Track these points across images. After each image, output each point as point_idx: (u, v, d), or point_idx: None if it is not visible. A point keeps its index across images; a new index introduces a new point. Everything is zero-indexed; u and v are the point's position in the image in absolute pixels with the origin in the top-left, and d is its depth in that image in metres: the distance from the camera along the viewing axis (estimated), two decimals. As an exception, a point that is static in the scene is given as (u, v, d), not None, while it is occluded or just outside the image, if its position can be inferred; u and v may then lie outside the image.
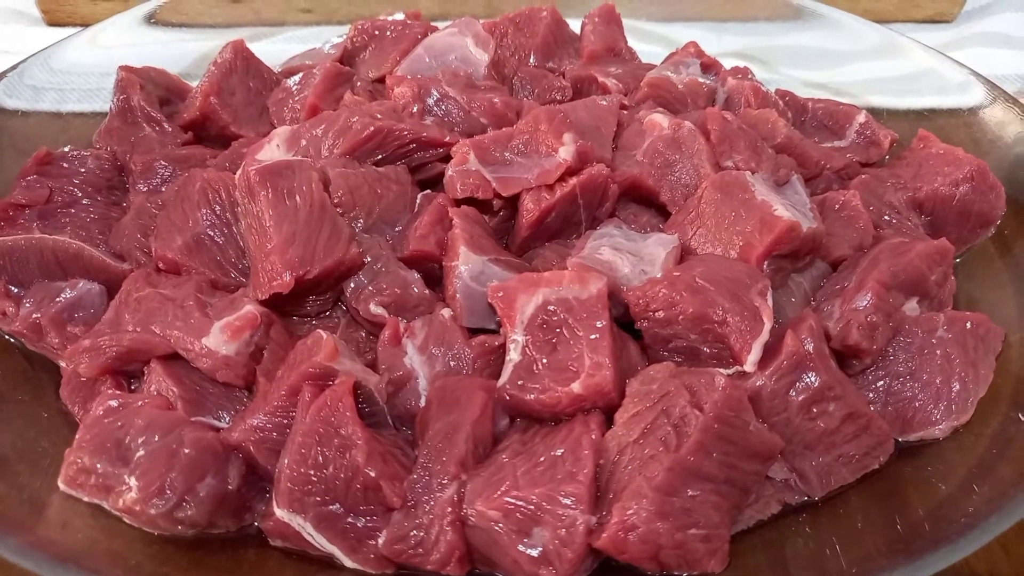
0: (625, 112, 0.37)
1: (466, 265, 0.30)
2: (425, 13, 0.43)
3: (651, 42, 0.46)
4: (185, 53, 0.44)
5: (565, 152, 0.33)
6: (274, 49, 0.44)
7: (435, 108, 0.36)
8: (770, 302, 0.29)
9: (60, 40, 0.46)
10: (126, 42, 0.46)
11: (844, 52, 0.46)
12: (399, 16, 0.41)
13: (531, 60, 0.41)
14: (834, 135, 0.39)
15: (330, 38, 0.44)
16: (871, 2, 0.48)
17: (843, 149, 0.38)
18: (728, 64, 0.42)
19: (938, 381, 0.30)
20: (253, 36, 0.45)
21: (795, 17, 0.47)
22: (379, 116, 0.34)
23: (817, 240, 0.31)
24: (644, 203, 0.35)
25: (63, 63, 0.44)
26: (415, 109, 0.35)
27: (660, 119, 0.35)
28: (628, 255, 0.32)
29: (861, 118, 0.38)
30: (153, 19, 0.47)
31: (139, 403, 0.29)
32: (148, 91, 0.41)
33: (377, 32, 0.40)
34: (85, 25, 0.49)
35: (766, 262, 0.30)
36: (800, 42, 0.48)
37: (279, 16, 0.44)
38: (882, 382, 0.31)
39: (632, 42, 0.44)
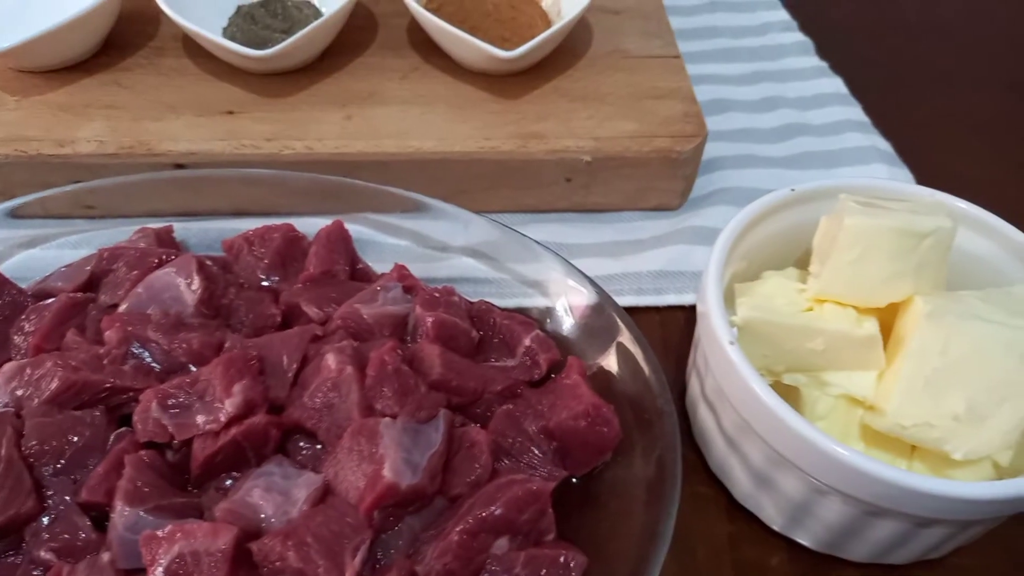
0: (313, 345, 0.43)
1: (122, 516, 0.36)
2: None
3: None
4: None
5: (231, 404, 0.39)
6: (47, 256, 0.49)
7: (139, 351, 0.42)
8: (361, 556, 0.35)
9: None
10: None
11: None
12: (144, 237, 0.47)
13: (261, 278, 0.47)
14: (508, 353, 0.45)
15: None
16: (606, 196, 0.54)
17: (510, 369, 0.44)
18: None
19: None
20: (29, 240, 0.50)
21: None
22: (79, 367, 0.40)
23: (419, 493, 0.37)
24: (320, 432, 0.42)
25: None
26: (122, 351, 0.41)
27: (330, 360, 0.41)
28: (277, 495, 0.38)
29: (527, 340, 0.44)
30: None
31: None
32: None
33: (118, 257, 0.46)
34: None
35: (375, 511, 0.36)
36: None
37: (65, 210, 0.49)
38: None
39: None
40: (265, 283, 0.47)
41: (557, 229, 0.54)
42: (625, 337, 0.43)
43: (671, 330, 0.49)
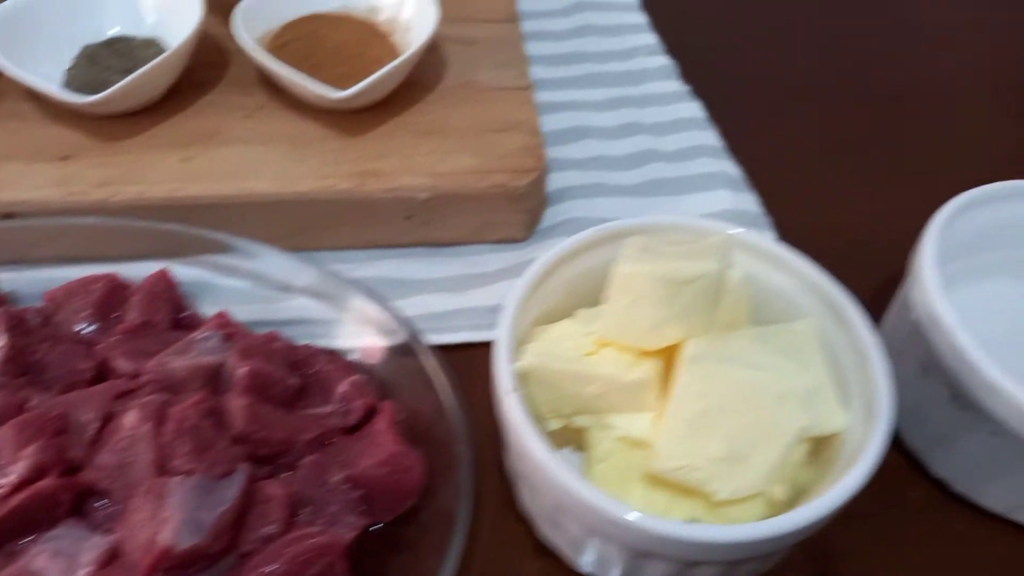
0: (120, 401, 0.43)
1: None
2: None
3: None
4: None
5: (21, 468, 0.38)
6: None
7: (-62, 413, 0.41)
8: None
9: None
10: None
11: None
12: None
13: (79, 331, 0.47)
14: (326, 400, 0.45)
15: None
16: (449, 231, 0.54)
17: (324, 416, 0.44)
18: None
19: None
20: None
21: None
22: None
23: (200, 554, 0.37)
24: (122, 488, 0.41)
25: None
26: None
27: (129, 417, 0.41)
28: (64, 559, 0.38)
29: (343, 386, 0.44)
30: None
31: None
32: None
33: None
34: None
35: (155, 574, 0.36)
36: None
37: None
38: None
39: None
40: (85, 335, 0.46)
41: (400, 265, 0.54)
42: (437, 378, 0.43)
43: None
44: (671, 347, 0.37)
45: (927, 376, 0.40)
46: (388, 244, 0.55)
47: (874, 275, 0.51)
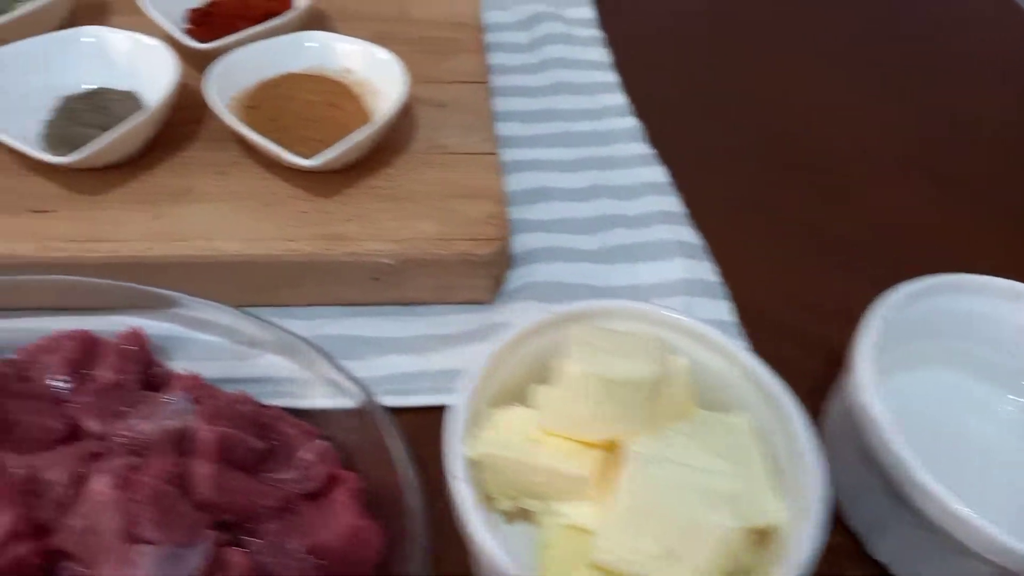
0: (93, 463, 0.44)
1: None
2: None
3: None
4: None
5: (-12, 533, 0.40)
6: None
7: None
8: None
9: None
10: None
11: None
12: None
13: (51, 389, 0.48)
14: (288, 464, 0.47)
15: None
16: (414, 292, 0.56)
17: (287, 482, 0.46)
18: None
19: None
20: None
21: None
22: None
23: None
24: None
25: None
26: None
27: (97, 482, 0.42)
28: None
29: (305, 451, 0.46)
30: None
31: None
32: None
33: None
34: None
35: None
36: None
37: None
38: None
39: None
40: (57, 392, 0.47)
41: (366, 323, 0.56)
42: (395, 448, 0.44)
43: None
44: (614, 439, 0.39)
45: (864, 463, 0.42)
46: (354, 302, 0.57)
47: (830, 348, 0.53)
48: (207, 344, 0.54)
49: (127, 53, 0.61)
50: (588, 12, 0.86)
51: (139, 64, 0.61)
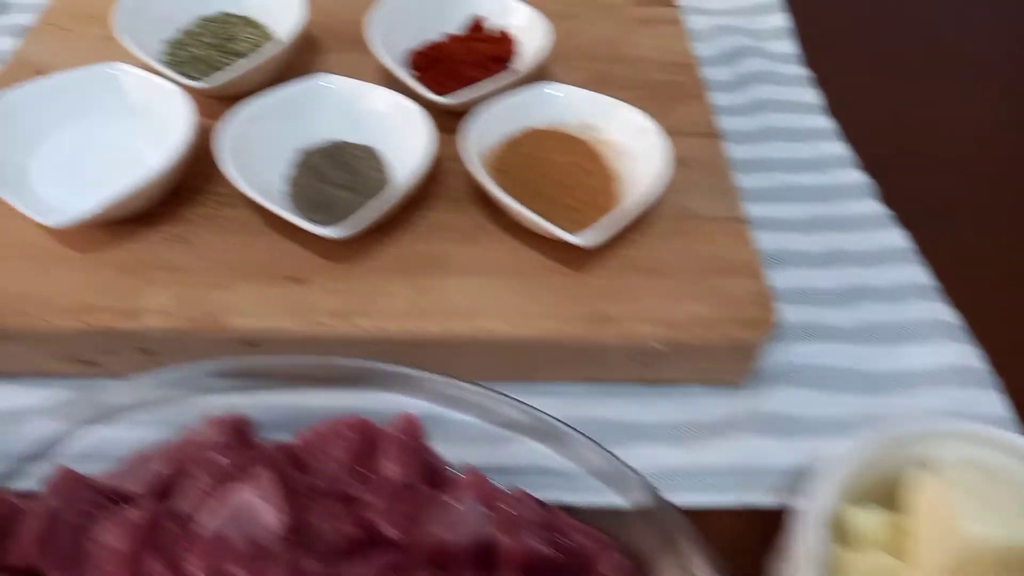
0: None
1: None
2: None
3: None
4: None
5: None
6: (119, 437, 0.48)
7: (219, 583, 0.42)
8: None
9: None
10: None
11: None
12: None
13: (337, 484, 0.47)
14: (583, 576, 0.45)
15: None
16: (667, 373, 0.53)
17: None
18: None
19: None
20: (97, 413, 0.49)
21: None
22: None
23: None
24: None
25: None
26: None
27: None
28: None
29: (604, 567, 0.44)
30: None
31: None
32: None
33: (191, 459, 0.45)
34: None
35: None
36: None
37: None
38: None
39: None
40: (344, 489, 0.46)
41: (619, 405, 0.54)
42: (695, 554, 0.42)
43: (748, 536, 0.48)
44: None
45: None
46: (596, 379, 0.55)
47: None
48: (461, 425, 0.52)
49: (375, 111, 0.59)
50: (789, 47, 0.82)
51: (388, 123, 0.59)
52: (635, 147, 0.58)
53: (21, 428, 0.48)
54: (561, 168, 0.57)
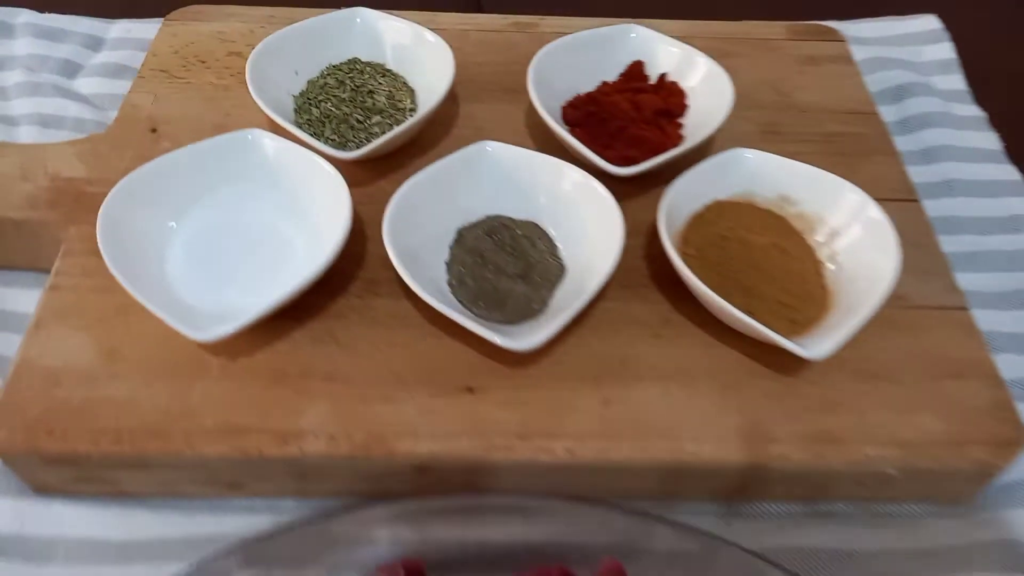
0: None
1: None
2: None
3: None
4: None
5: None
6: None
7: None
8: None
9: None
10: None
11: None
12: None
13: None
14: None
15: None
16: (884, 492, 0.46)
17: None
18: None
19: None
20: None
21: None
22: None
23: None
24: None
25: None
26: None
27: None
28: None
29: None
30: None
31: None
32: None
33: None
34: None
35: None
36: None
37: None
38: None
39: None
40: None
41: (838, 531, 0.47)
42: None
43: None
44: None
45: None
46: (814, 498, 0.48)
47: None
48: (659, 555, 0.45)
49: (540, 184, 0.52)
50: (960, 82, 0.73)
51: (555, 196, 0.51)
52: (845, 225, 0.51)
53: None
54: (761, 251, 0.50)
